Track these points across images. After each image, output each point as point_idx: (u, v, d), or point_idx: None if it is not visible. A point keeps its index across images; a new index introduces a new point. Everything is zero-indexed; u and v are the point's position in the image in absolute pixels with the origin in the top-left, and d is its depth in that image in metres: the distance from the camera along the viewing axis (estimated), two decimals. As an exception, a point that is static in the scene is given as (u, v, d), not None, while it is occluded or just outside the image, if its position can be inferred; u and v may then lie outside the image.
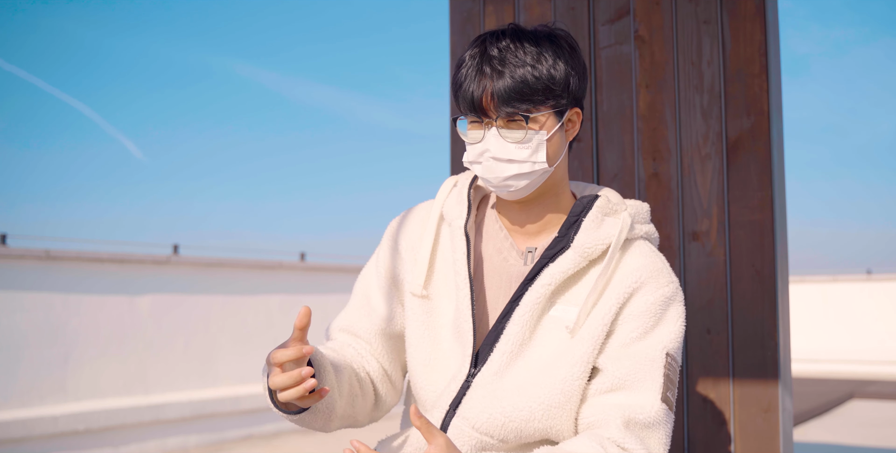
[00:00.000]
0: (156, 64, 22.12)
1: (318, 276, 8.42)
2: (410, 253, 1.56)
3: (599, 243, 1.44)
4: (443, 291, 1.51)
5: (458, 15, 2.45)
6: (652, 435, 1.37)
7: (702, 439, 2.06)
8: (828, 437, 6.74)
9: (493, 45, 1.41)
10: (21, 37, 17.65)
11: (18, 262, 6.00)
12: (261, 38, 29.42)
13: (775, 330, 2.00)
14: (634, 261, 1.45)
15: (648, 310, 1.42)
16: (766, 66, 2.06)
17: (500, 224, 1.53)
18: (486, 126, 1.40)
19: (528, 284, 1.43)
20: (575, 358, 1.39)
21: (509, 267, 1.50)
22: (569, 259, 1.43)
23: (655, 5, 2.20)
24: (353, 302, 1.62)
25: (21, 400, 5.86)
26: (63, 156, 21.41)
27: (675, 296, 1.45)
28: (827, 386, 9.92)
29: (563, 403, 1.38)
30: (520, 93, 1.37)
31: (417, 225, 1.59)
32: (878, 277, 12.89)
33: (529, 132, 1.39)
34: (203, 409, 6.83)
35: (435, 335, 1.49)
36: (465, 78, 1.41)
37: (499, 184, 1.42)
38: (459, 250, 1.48)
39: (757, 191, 2.05)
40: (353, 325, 1.59)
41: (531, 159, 1.40)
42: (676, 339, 1.43)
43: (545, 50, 1.40)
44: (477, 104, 1.39)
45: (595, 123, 2.25)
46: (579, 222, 1.46)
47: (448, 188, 1.58)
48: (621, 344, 1.41)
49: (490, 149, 1.39)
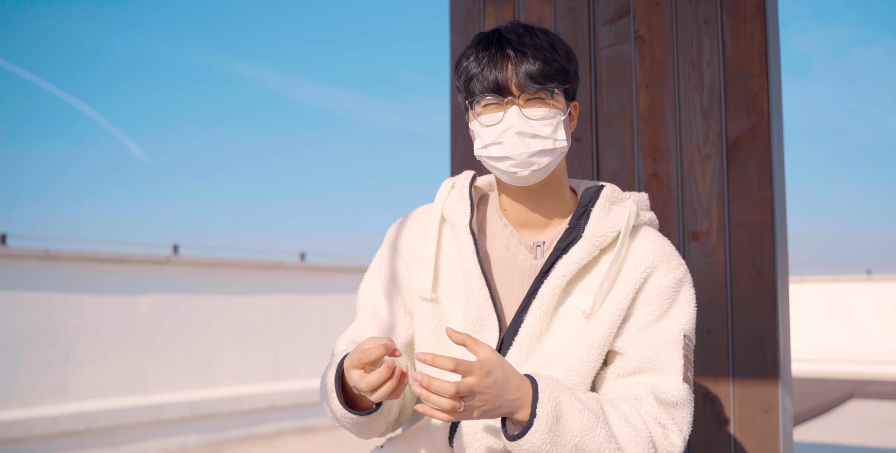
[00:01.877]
0: (157, 63, 22.14)
1: (318, 276, 8.42)
2: (413, 258, 1.54)
3: (610, 231, 1.46)
4: (450, 294, 1.50)
5: (458, 15, 2.45)
6: (679, 413, 1.40)
7: (702, 439, 2.06)
8: (828, 437, 6.74)
9: (508, 32, 1.44)
10: (22, 36, 17.66)
11: (18, 262, 6.00)
12: (262, 38, 29.43)
13: (775, 330, 2.01)
14: (644, 246, 1.48)
15: (663, 293, 1.44)
16: (766, 66, 2.06)
17: (505, 221, 1.53)
18: (506, 106, 1.41)
19: (544, 277, 1.44)
20: (592, 342, 1.41)
21: (520, 262, 1.50)
22: (582, 249, 1.45)
23: (655, 5, 2.20)
24: (362, 316, 1.59)
25: (21, 400, 5.86)
26: (63, 155, 21.44)
27: (685, 277, 1.48)
28: (827, 386, 9.92)
29: (578, 385, 1.40)
30: (543, 71, 1.40)
31: (417, 229, 1.58)
32: (878, 277, 12.90)
33: (552, 110, 1.41)
34: (203, 409, 6.83)
35: (446, 338, 1.48)
36: (480, 63, 1.42)
37: (523, 160, 1.41)
38: (468, 249, 1.48)
39: (757, 191, 2.05)
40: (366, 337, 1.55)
41: (553, 136, 1.41)
42: (691, 320, 1.46)
43: (556, 42, 1.45)
44: (501, 83, 1.40)
45: (595, 123, 2.25)
46: (588, 212, 1.48)
47: (447, 189, 1.58)
48: (639, 327, 1.43)
49: (514, 125, 1.39)
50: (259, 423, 7.34)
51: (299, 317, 8.11)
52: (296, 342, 8.04)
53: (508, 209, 1.53)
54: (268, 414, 7.38)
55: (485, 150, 1.44)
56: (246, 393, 7.24)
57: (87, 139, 20.45)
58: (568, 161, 2.26)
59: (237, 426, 7.17)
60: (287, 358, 7.94)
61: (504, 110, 1.41)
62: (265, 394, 7.37)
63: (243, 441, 7.13)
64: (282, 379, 7.83)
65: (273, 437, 7.31)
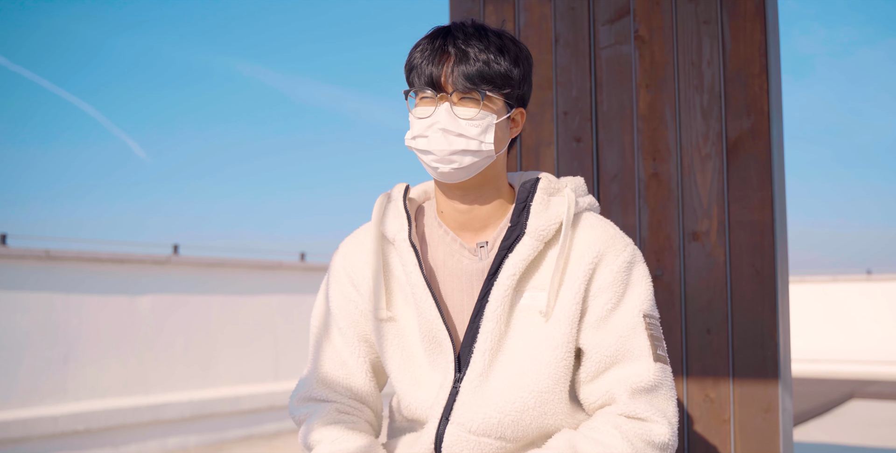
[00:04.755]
0: (158, 63, 22.13)
1: (319, 276, 8.41)
2: (362, 280, 1.54)
3: (552, 223, 1.45)
4: (405, 310, 1.50)
5: (458, 15, 2.45)
6: (657, 396, 1.40)
7: (702, 439, 2.06)
8: (828, 437, 6.74)
9: (458, 30, 1.44)
10: (23, 35, 17.66)
11: (18, 262, 5.99)
12: (263, 38, 29.42)
13: (775, 330, 2.00)
14: (587, 234, 1.47)
15: (616, 279, 1.44)
16: (766, 66, 2.06)
17: (445, 228, 1.52)
18: (438, 101, 1.42)
19: (493, 278, 1.44)
20: (556, 342, 1.41)
21: (465, 266, 1.49)
22: (527, 245, 1.44)
23: (655, 5, 2.20)
24: (319, 352, 1.57)
25: (21, 400, 5.86)
26: (63, 154, 21.43)
27: (634, 258, 1.48)
28: (827, 386, 9.92)
29: (552, 387, 1.40)
30: (481, 73, 1.40)
31: (360, 250, 1.57)
32: (877, 277, 12.89)
33: (482, 111, 1.41)
34: (203, 409, 6.83)
35: (412, 354, 1.49)
36: (423, 56, 1.43)
37: (443, 157, 1.41)
38: (410, 263, 1.47)
39: (757, 191, 2.05)
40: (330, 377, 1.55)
41: (480, 138, 1.41)
42: (648, 298, 1.45)
43: (507, 45, 1.44)
44: (436, 79, 1.41)
45: (595, 123, 2.25)
46: (528, 207, 1.47)
47: (381, 205, 1.55)
48: (598, 318, 1.43)
49: (440, 121, 1.40)
50: (259, 423, 7.34)
51: (299, 317, 8.11)
52: (296, 342, 8.03)
53: (445, 211, 1.52)
54: (268, 414, 7.37)
55: (413, 141, 1.45)
56: (246, 393, 7.24)
57: (88, 138, 20.47)
58: (568, 161, 2.26)
59: (237, 426, 7.16)
60: (287, 359, 7.94)
61: (436, 106, 1.42)
62: (265, 394, 7.37)
63: (243, 441, 7.13)
64: (282, 380, 7.83)
65: (273, 437, 7.31)
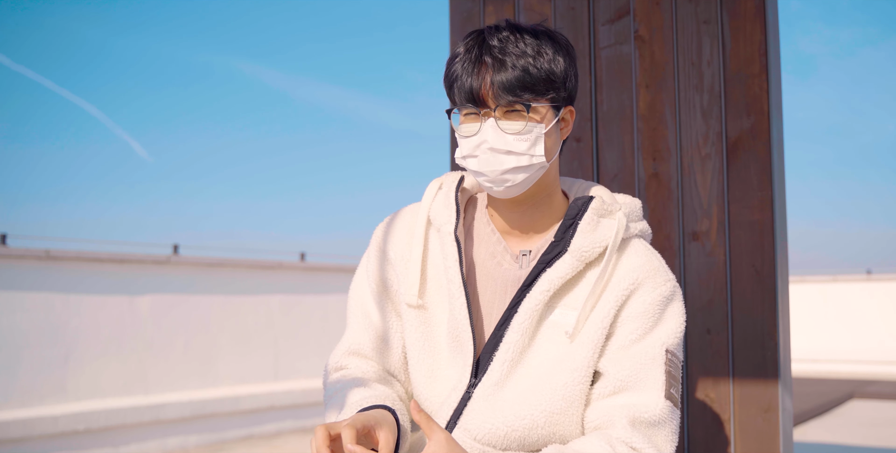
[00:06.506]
0: (159, 62, 22.13)
1: (318, 276, 8.41)
2: (401, 261, 1.51)
3: (596, 246, 1.41)
4: (437, 300, 1.48)
5: (458, 15, 2.45)
6: (658, 433, 1.36)
7: (702, 439, 2.06)
8: (828, 437, 6.74)
9: (492, 36, 1.38)
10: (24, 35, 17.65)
11: (18, 262, 5.99)
12: (264, 37, 29.42)
13: (775, 330, 2.00)
14: (631, 261, 1.43)
15: (647, 311, 1.40)
16: (766, 66, 2.06)
17: (493, 227, 1.50)
18: (483, 117, 1.37)
19: (526, 290, 1.41)
20: (576, 364, 1.38)
21: (504, 271, 1.47)
22: (566, 263, 1.41)
23: (655, 5, 2.20)
24: (355, 323, 1.55)
25: (21, 400, 5.86)
26: (64, 154, 21.43)
27: (673, 294, 1.43)
28: (827, 386, 9.92)
29: (565, 409, 1.37)
30: (521, 81, 1.34)
31: (404, 231, 1.54)
32: (878, 277, 12.89)
33: (529, 123, 1.36)
34: (203, 409, 6.83)
35: (434, 345, 1.46)
36: (462, 69, 1.37)
37: (496, 178, 1.37)
38: (451, 257, 1.44)
39: (757, 191, 2.05)
40: (364, 348, 1.52)
41: (529, 152, 1.36)
42: (676, 336, 1.41)
43: (544, 44, 1.38)
44: (476, 94, 1.35)
45: (595, 123, 2.25)
46: (575, 225, 1.43)
47: (433, 191, 1.53)
48: (621, 346, 1.39)
49: (488, 140, 1.36)
50: (259, 423, 7.34)
51: (299, 317, 8.11)
52: (296, 342, 8.03)
53: (495, 215, 1.50)
54: (268, 414, 7.38)
55: (463, 161, 1.42)
56: (246, 393, 7.24)
57: (89, 138, 20.47)
58: (568, 161, 2.26)
59: (237, 426, 7.16)
60: (287, 358, 7.94)
61: (481, 122, 1.37)
62: (265, 394, 7.37)
63: (243, 441, 7.12)
64: (282, 379, 7.83)
65: (273, 437, 7.31)
